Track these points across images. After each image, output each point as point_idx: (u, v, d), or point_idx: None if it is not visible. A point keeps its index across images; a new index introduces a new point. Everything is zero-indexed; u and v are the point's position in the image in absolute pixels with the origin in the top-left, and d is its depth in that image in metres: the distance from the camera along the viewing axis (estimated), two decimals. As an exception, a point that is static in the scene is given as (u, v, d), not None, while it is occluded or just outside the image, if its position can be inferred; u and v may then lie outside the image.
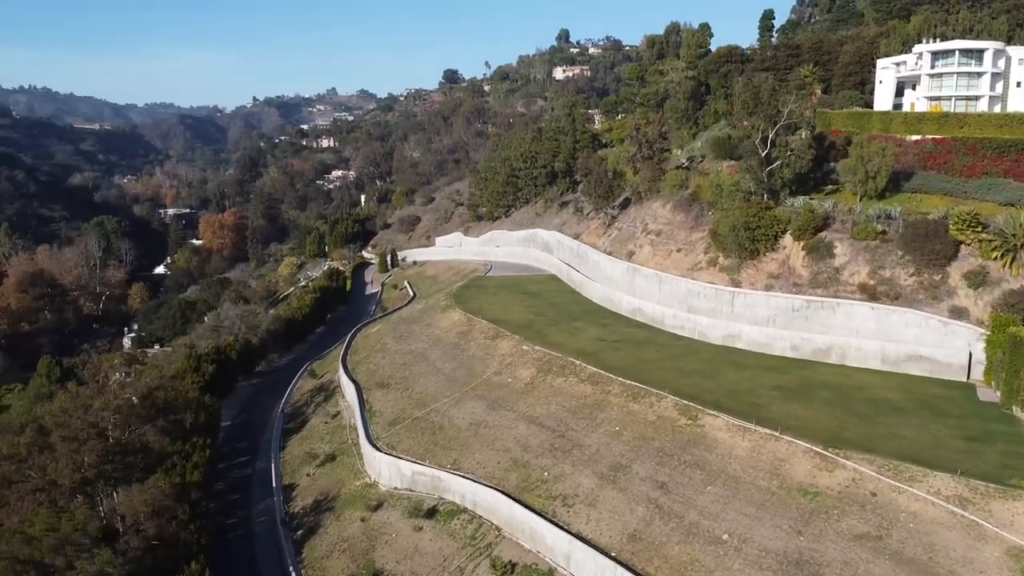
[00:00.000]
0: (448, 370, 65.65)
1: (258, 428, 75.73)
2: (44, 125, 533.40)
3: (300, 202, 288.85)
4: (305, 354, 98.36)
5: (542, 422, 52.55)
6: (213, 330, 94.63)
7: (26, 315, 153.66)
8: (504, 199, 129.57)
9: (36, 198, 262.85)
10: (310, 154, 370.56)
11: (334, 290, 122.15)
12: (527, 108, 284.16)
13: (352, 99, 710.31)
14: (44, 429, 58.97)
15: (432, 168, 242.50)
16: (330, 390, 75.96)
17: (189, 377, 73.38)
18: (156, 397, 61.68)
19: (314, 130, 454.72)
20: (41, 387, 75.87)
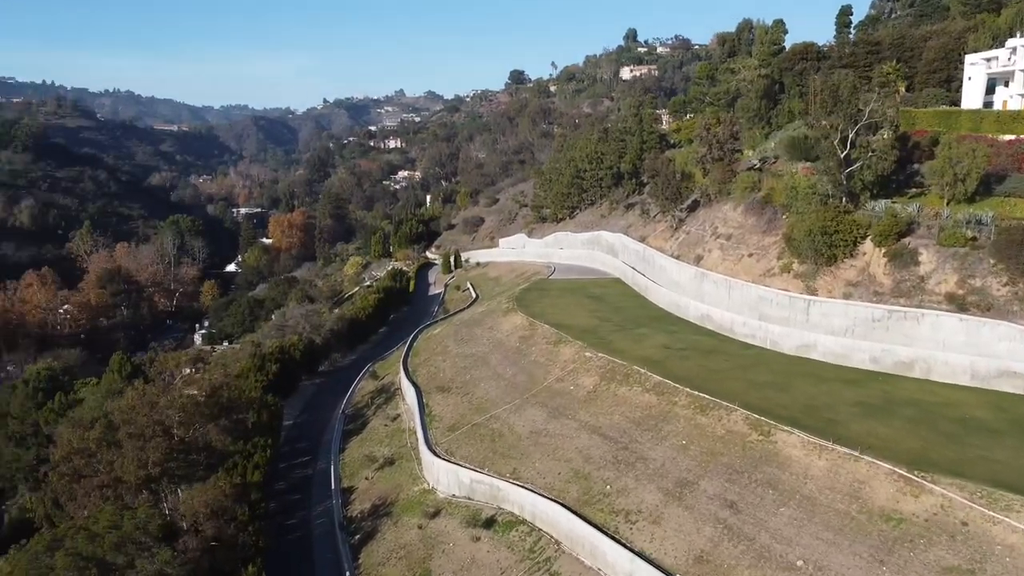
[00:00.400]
0: (509, 375, 64.39)
1: (319, 428, 75.93)
2: (126, 127, 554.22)
3: (367, 202, 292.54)
4: (368, 354, 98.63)
5: (605, 432, 50.77)
6: (278, 329, 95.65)
7: (104, 310, 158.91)
8: (568, 200, 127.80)
9: (116, 197, 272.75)
10: (377, 155, 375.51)
11: (397, 290, 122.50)
12: (593, 108, 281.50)
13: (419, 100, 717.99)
14: (112, 425, 59.91)
15: (497, 169, 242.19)
16: (391, 392, 75.62)
17: (253, 376, 74.01)
18: (220, 396, 62.20)
19: (382, 131, 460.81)
20: (112, 382, 77.56)
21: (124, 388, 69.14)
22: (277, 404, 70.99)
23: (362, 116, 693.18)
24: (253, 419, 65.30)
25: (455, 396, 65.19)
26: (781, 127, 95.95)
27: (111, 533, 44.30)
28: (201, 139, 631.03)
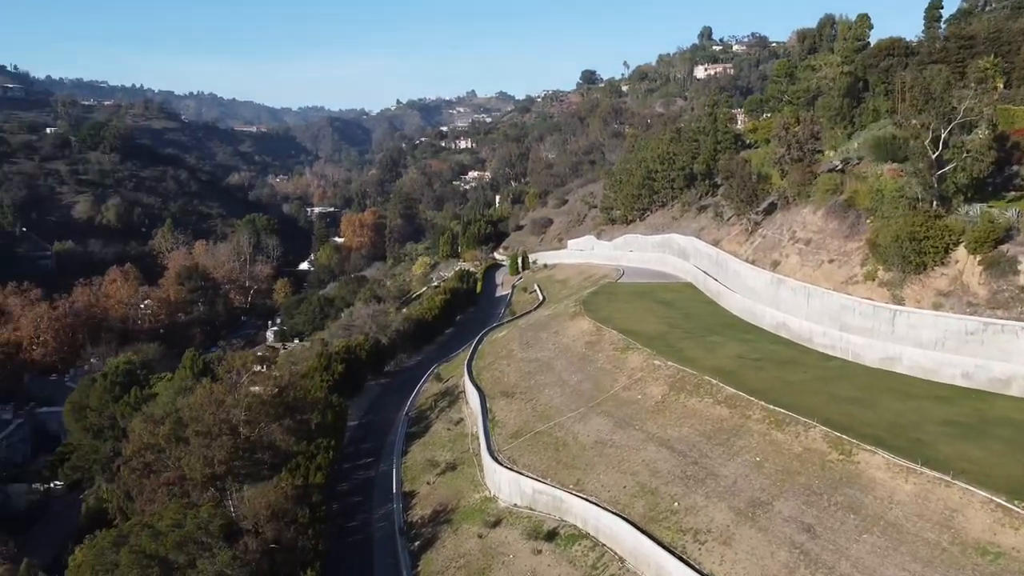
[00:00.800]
0: (574, 382, 62.73)
1: (383, 430, 75.75)
2: (208, 128, 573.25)
3: (437, 202, 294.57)
4: (433, 355, 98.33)
5: (673, 445, 48.65)
6: (345, 328, 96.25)
7: (182, 306, 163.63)
8: (639, 202, 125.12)
9: (197, 196, 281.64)
10: (448, 155, 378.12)
11: (464, 291, 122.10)
12: (666, 108, 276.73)
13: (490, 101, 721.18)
14: (181, 422, 60.76)
15: (566, 169, 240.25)
16: (454, 395, 74.87)
17: (318, 376, 74.32)
18: (285, 396, 62.50)
19: (453, 131, 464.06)
20: (184, 379, 79.09)
21: (194, 386, 70.24)
22: (342, 405, 71.03)
23: (434, 117, 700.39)
24: (317, 419, 65.39)
25: (519, 402, 63.90)
26: (865, 126, 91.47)
27: (174, 532, 44.55)
28: (279, 140, 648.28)
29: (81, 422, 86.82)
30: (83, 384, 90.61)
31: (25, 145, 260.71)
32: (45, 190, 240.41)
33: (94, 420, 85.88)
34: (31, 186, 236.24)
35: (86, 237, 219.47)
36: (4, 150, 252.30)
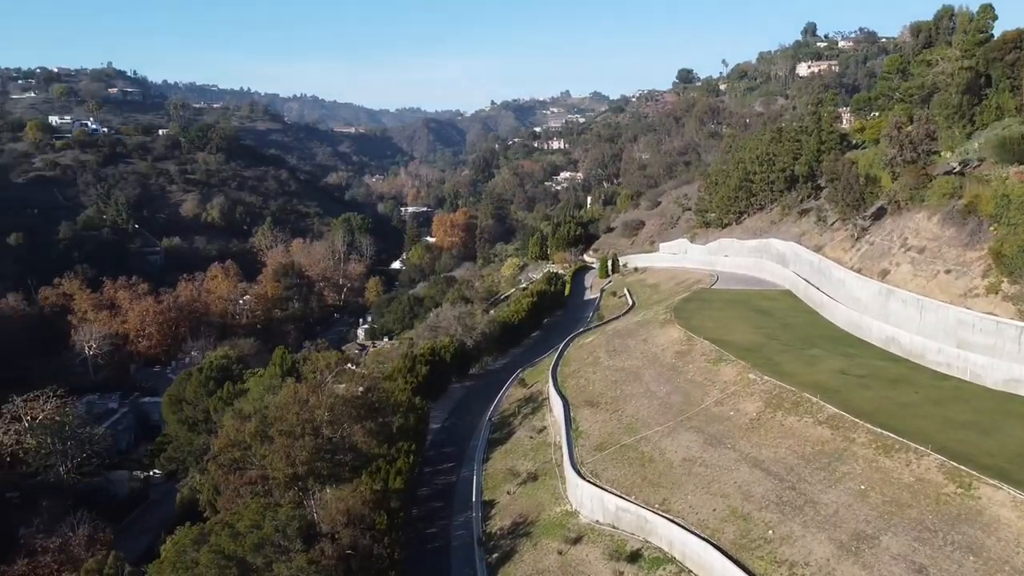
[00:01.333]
0: (662, 394, 59.93)
1: (466, 434, 74.76)
2: (309, 129, 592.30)
3: (528, 203, 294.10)
4: (518, 359, 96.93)
5: (768, 467, 45.41)
6: (431, 330, 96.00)
7: (278, 303, 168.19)
8: (735, 205, 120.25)
9: (295, 195, 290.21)
10: (540, 155, 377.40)
11: (552, 294, 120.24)
12: (766, 107, 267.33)
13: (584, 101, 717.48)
14: (267, 420, 61.38)
15: (660, 170, 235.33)
16: (538, 402, 73.11)
17: (401, 378, 73.93)
18: (368, 397, 62.27)
19: (546, 132, 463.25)
20: (273, 376, 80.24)
21: (280, 384, 71.04)
22: (424, 408, 70.35)
23: (527, 117, 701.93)
24: (399, 422, 64.91)
25: (604, 412, 61.57)
26: (987, 125, 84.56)
27: (252, 533, 44.47)
28: (376, 140, 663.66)
29: (177, 414, 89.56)
30: (180, 377, 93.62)
31: (140, 146, 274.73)
32: (156, 189, 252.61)
33: (189, 413, 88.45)
34: (144, 185, 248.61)
35: (192, 234, 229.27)
36: (120, 151, 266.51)
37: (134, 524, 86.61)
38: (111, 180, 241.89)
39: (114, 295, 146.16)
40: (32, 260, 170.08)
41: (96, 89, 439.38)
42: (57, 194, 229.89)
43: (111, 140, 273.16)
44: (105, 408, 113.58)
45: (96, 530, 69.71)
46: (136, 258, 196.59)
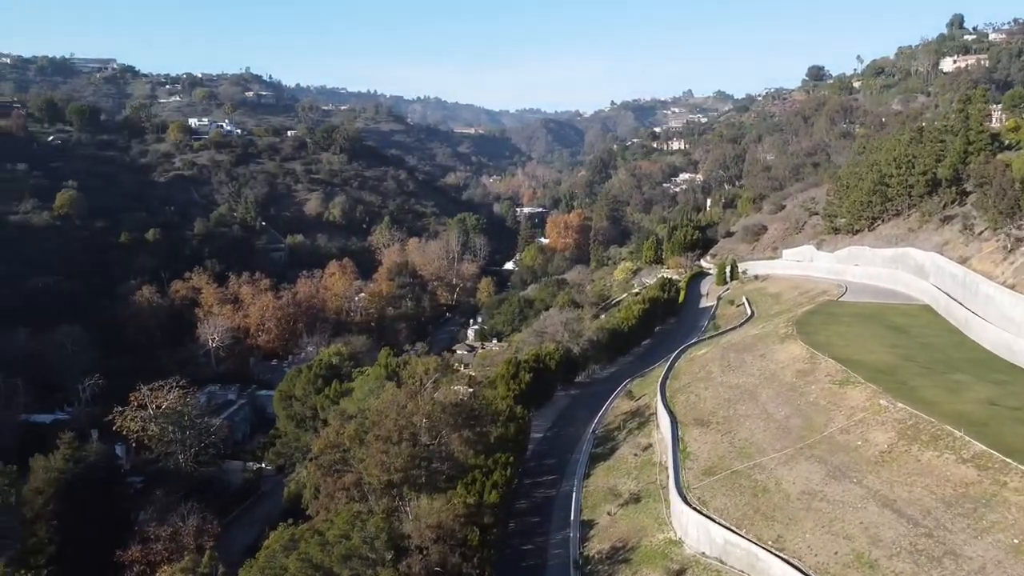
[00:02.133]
0: (780, 417, 55.10)
1: (569, 445, 71.94)
2: (431, 130, 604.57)
3: (645, 205, 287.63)
4: (627, 368, 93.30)
5: (900, 509, 40.31)
6: (537, 335, 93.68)
7: (392, 301, 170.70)
8: (868, 210, 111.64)
9: (413, 195, 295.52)
10: (659, 156, 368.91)
11: (665, 301, 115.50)
12: (904, 106, 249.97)
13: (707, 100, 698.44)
14: (366, 424, 60.85)
15: (786, 172, 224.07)
16: (645, 417, 69.37)
17: (503, 385, 71.97)
18: (467, 405, 60.56)
19: (666, 132, 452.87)
20: (377, 377, 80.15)
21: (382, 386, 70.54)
22: (525, 417, 68.11)
23: (648, 118, 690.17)
24: (499, 432, 62.95)
25: (714, 433, 57.31)
26: None
27: (341, 543, 43.49)
28: (495, 141, 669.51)
29: (287, 410, 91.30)
30: (291, 374, 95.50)
31: (269, 147, 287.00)
32: (283, 188, 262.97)
33: (298, 409, 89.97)
34: (272, 184, 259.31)
35: (314, 232, 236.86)
36: (252, 151, 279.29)
37: (244, 515, 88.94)
38: (242, 179, 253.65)
39: (238, 290, 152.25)
40: (167, 255, 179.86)
41: (233, 93, 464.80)
42: (193, 192, 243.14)
43: (243, 141, 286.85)
44: (224, 399, 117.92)
45: (205, 521, 71.56)
46: (261, 254, 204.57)
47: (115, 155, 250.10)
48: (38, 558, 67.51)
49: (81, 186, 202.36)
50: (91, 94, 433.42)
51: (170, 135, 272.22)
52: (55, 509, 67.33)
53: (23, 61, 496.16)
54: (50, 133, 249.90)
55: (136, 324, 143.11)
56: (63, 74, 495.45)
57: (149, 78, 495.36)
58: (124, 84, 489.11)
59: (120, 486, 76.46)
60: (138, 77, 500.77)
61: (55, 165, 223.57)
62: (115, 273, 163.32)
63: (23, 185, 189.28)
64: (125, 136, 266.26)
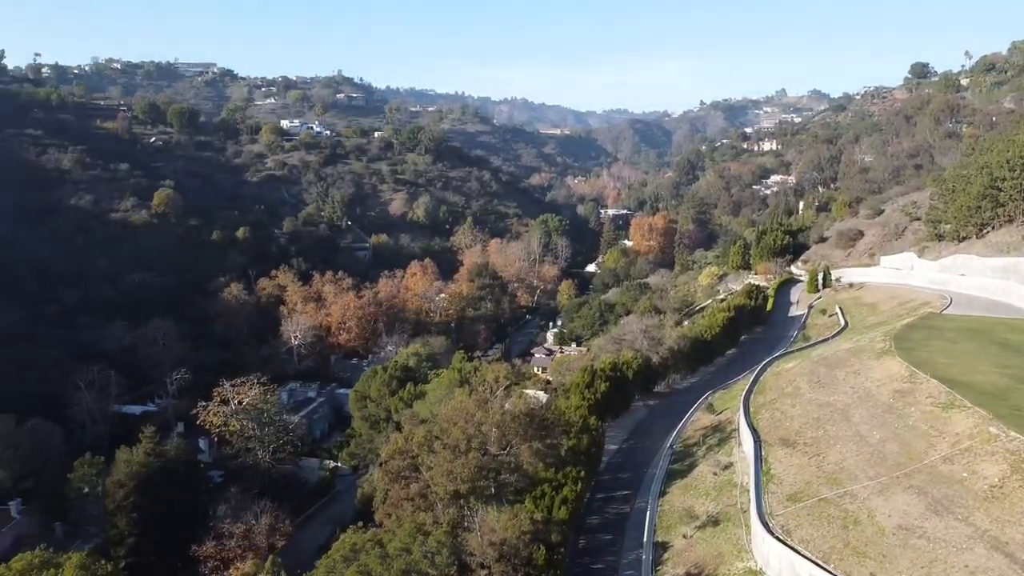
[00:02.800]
0: (875, 441, 50.82)
1: (645, 460, 68.97)
2: (516, 131, 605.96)
3: (733, 207, 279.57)
4: (709, 380, 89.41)
5: (1014, 554, 36.07)
6: (614, 342, 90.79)
7: (471, 302, 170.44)
8: (977, 215, 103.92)
9: (496, 196, 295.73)
10: (749, 157, 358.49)
11: (752, 309, 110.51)
12: (1017, 104, 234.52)
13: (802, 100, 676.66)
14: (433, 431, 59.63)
15: (885, 175, 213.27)
16: (726, 433, 65.73)
17: (578, 394, 69.61)
18: (538, 414, 58.49)
19: (757, 133, 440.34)
20: (451, 381, 79.09)
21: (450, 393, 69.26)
22: (600, 429, 65.56)
23: (738, 118, 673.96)
24: (571, 444, 60.66)
25: (801, 455, 53.42)
26: None
27: (401, 557, 42.18)
28: (580, 142, 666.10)
29: (362, 411, 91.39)
30: (367, 375, 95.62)
31: (357, 148, 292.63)
32: (369, 188, 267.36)
33: (372, 411, 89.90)
34: (358, 184, 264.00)
35: (398, 231, 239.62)
36: (339, 152, 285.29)
37: (318, 514, 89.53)
38: (330, 179, 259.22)
39: (321, 288, 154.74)
40: (255, 253, 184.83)
41: (325, 95, 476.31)
42: (283, 191, 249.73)
43: (332, 142, 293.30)
44: (304, 396, 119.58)
45: (277, 520, 72.06)
46: (346, 253, 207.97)
47: (211, 155, 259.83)
48: (118, 549, 69.40)
49: (178, 185, 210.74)
50: (192, 97, 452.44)
51: (263, 136, 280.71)
52: (135, 502, 68.98)
53: (131, 66, 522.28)
54: (152, 135, 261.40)
55: (224, 320, 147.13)
56: (167, 78, 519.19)
57: (246, 81, 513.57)
58: (223, 87, 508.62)
59: (199, 480, 77.86)
60: (236, 80, 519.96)
61: (156, 165, 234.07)
62: (206, 270, 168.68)
63: (124, 184, 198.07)
64: (221, 137, 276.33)
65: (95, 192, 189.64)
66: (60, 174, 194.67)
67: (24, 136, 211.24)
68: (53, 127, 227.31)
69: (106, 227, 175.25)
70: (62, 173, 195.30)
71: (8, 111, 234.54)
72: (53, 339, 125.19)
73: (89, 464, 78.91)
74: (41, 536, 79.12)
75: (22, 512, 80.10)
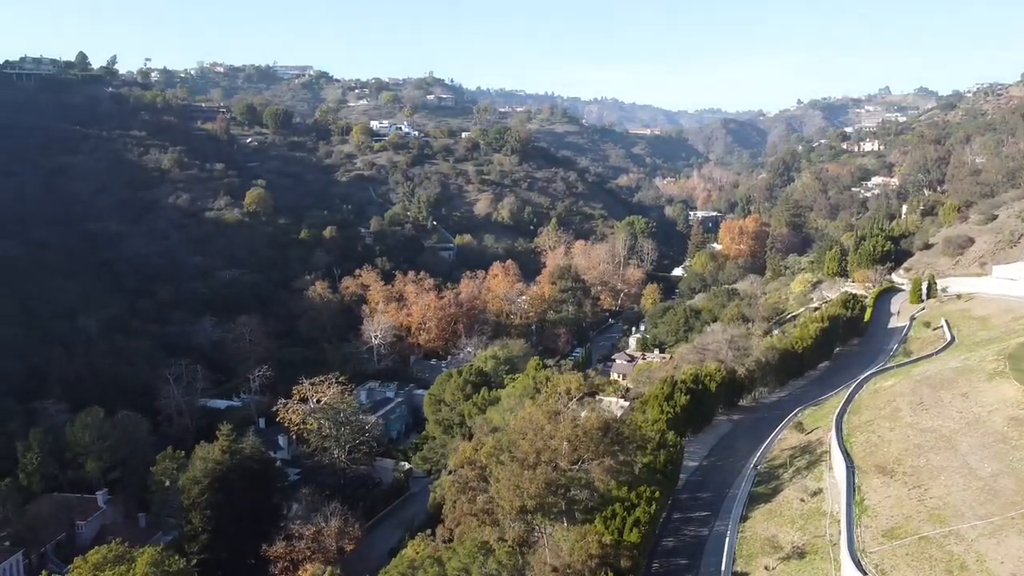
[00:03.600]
0: (986, 474, 45.80)
1: (726, 479, 65.04)
2: (605, 131, 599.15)
3: (830, 211, 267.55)
4: (798, 395, 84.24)
5: None
6: (698, 351, 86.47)
7: (552, 304, 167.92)
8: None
9: (582, 197, 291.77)
10: (849, 158, 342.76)
11: (848, 320, 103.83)
12: None
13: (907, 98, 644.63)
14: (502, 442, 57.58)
15: (999, 177, 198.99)
16: (815, 455, 61.12)
17: (656, 407, 66.23)
18: (612, 428, 55.53)
19: (857, 133, 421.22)
20: (525, 388, 76.84)
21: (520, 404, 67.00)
22: (678, 446, 62.06)
23: (838, 117, 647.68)
24: (646, 460, 57.49)
25: (899, 486, 48.73)
26: None
27: (459, 577, 40.23)
28: (671, 142, 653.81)
29: (436, 415, 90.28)
30: (442, 378, 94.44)
31: (444, 148, 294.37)
32: (454, 188, 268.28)
33: (446, 415, 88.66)
34: (444, 184, 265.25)
35: (482, 232, 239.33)
36: (427, 152, 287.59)
37: (390, 516, 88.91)
38: (416, 179, 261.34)
39: (403, 288, 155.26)
40: (341, 251, 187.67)
41: (416, 96, 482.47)
42: (371, 191, 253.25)
43: (420, 142, 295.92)
44: (383, 396, 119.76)
45: (347, 523, 71.50)
46: (430, 253, 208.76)
47: (303, 156, 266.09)
48: (192, 545, 70.21)
49: (271, 185, 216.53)
50: (289, 99, 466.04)
51: (353, 137, 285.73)
52: (209, 499, 69.51)
53: (233, 70, 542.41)
54: (249, 135, 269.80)
55: (308, 318, 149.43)
56: (266, 81, 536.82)
57: (341, 83, 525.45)
58: (318, 89, 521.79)
59: (273, 479, 78.05)
60: (331, 82, 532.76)
61: (251, 165, 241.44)
62: (293, 268, 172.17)
63: (219, 184, 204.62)
64: (313, 138, 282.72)
65: (192, 191, 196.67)
66: (160, 173, 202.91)
67: (128, 137, 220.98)
68: (157, 128, 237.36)
69: (200, 225, 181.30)
70: (162, 172, 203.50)
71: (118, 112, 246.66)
72: (146, 333, 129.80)
73: (171, 458, 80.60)
74: (125, 526, 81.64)
75: (108, 502, 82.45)
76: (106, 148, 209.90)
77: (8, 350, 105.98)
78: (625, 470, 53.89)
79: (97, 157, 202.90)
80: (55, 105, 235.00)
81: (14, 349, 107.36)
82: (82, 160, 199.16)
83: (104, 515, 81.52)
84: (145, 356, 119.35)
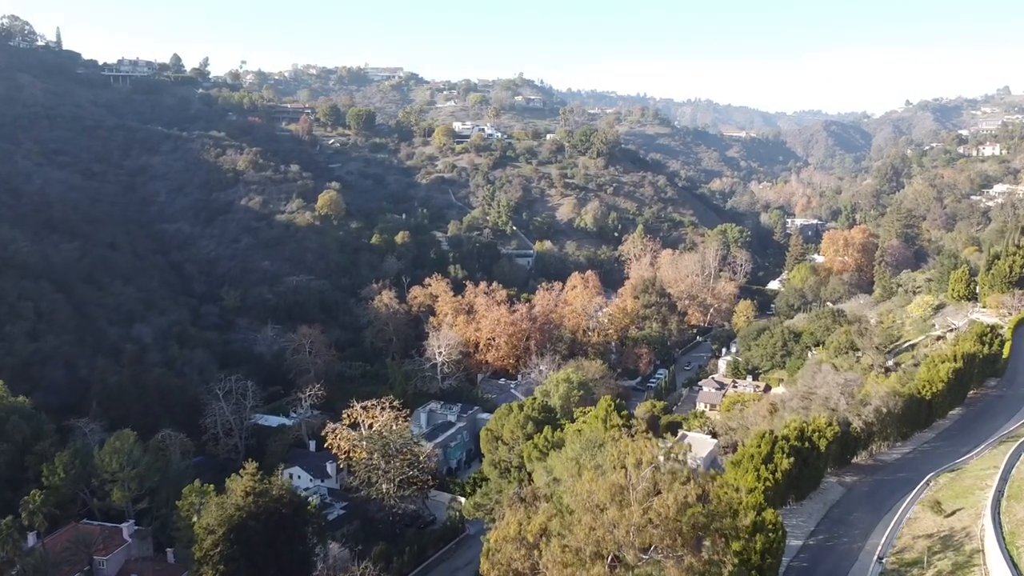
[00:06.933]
0: None
1: (839, 567, 51.70)
2: (698, 133, 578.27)
3: (947, 221, 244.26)
4: (927, 451, 69.60)
5: None
6: (802, 398, 72.39)
7: (635, 320, 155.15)
8: None
9: (670, 203, 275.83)
10: (967, 164, 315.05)
11: (984, 357, 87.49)
12: None
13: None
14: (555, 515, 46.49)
15: None
16: (963, 554, 47.04)
17: (750, 472, 53.51)
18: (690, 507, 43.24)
19: (975, 136, 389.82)
20: (593, 432, 65.13)
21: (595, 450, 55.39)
22: (778, 527, 49.05)
23: (951, 119, 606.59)
24: (737, 548, 45.05)
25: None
26: None
27: None
28: (768, 145, 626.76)
29: (492, 454, 79.73)
30: (500, 412, 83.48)
31: (527, 150, 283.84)
32: (536, 192, 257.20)
33: (503, 456, 78.02)
34: (526, 188, 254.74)
35: (563, 238, 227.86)
36: (509, 155, 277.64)
37: (440, 563, 79.15)
38: (498, 182, 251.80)
39: (473, 300, 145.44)
40: (413, 257, 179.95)
41: (504, 97, 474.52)
42: (451, 194, 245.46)
43: (502, 144, 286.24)
44: (444, 420, 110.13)
45: (381, 571, 62.08)
46: (507, 261, 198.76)
47: (384, 157, 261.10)
48: (200, 603, 61.88)
49: (350, 186, 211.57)
50: (378, 100, 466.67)
51: (435, 138, 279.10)
52: (223, 552, 60.92)
53: (325, 72, 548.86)
54: (332, 136, 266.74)
55: (373, 329, 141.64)
56: (357, 82, 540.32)
57: (430, 85, 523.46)
58: (407, 91, 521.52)
59: (304, 524, 69.10)
60: (421, 84, 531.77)
61: (332, 166, 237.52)
62: (363, 274, 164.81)
63: (293, 186, 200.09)
64: (395, 139, 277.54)
65: (265, 193, 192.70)
66: (235, 175, 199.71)
67: (207, 138, 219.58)
68: (239, 129, 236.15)
69: (271, 228, 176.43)
70: (236, 174, 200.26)
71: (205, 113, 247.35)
72: (204, 342, 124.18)
73: (197, 492, 72.81)
74: (153, 562, 74.56)
75: (135, 534, 75.43)
76: (184, 148, 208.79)
77: (55, 359, 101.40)
78: (712, 571, 41.83)
79: (176, 157, 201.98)
80: (148, 106, 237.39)
81: (62, 357, 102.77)
82: (161, 160, 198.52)
83: (129, 548, 74.39)
84: (198, 367, 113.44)
